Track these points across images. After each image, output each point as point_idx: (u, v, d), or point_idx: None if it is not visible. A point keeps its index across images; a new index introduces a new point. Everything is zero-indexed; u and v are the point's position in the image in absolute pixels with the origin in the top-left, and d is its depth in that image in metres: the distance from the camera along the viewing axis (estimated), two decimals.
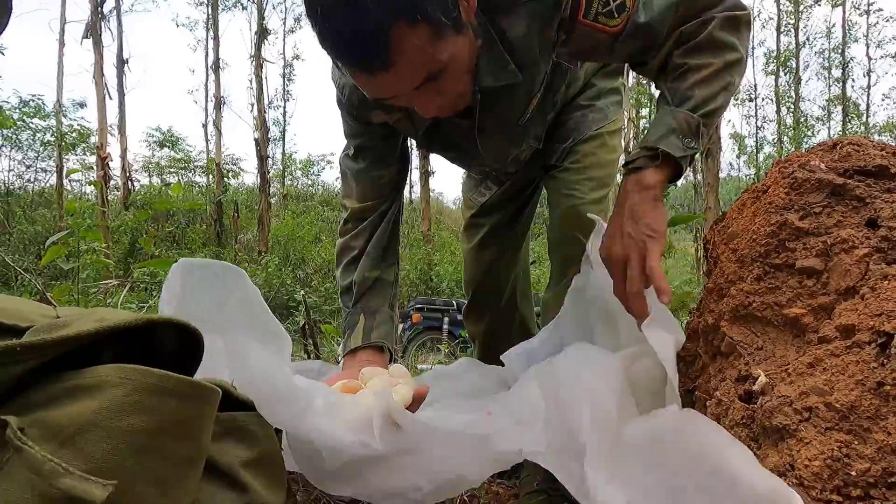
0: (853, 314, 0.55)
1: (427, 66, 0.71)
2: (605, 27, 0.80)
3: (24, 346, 0.29)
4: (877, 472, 0.45)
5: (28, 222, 9.72)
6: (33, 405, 0.30)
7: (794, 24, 15.87)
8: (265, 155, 10.33)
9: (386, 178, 1.02)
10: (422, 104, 0.77)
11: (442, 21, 0.68)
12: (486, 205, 1.27)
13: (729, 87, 0.81)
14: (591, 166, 1.11)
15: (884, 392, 0.47)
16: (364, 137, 1.01)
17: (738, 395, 0.63)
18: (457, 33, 0.71)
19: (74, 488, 0.25)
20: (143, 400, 0.30)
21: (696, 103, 0.79)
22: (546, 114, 1.02)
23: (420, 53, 0.68)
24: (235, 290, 0.74)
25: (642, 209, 0.76)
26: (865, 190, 0.64)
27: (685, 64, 0.81)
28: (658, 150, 0.77)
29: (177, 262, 0.70)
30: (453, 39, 0.71)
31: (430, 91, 0.75)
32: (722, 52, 0.80)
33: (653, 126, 0.80)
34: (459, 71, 0.75)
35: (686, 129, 0.78)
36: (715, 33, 0.80)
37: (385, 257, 1.03)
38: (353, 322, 0.96)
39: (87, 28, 9.68)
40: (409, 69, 0.70)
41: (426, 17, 0.66)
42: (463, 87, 0.80)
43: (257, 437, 0.51)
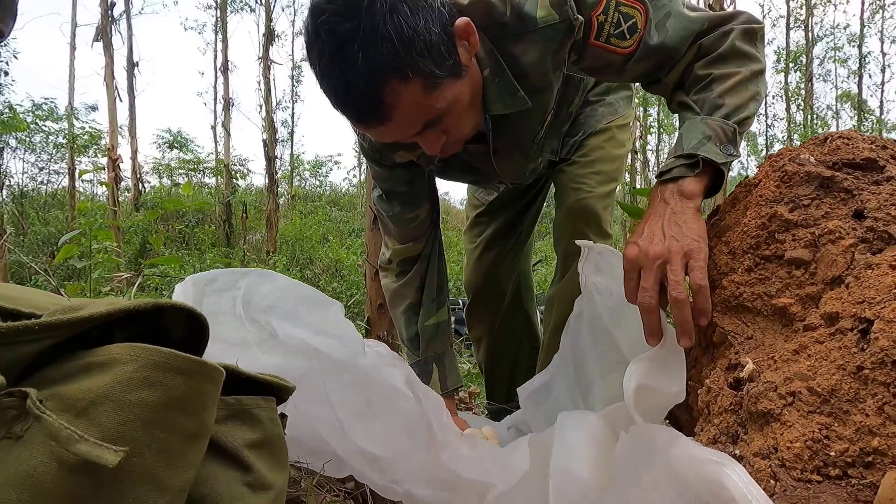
0: (837, 302, 0.56)
1: (424, 116, 0.72)
2: (617, 48, 0.80)
3: (41, 325, 0.32)
4: (854, 452, 0.47)
5: (41, 223, 9.88)
6: (50, 381, 0.33)
7: (804, 21, 15.70)
8: (273, 156, 10.41)
9: (420, 217, 1.04)
10: (426, 145, 0.78)
11: (435, 73, 0.68)
12: (494, 202, 1.26)
13: (757, 97, 0.79)
14: (600, 160, 1.10)
15: (863, 376, 0.48)
16: (391, 182, 1.03)
17: (728, 382, 0.65)
18: (455, 79, 0.72)
19: (89, 453, 0.27)
20: (151, 376, 0.32)
21: (728, 110, 0.76)
22: (561, 126, 1.02)
23: (415, 106, 0.69)
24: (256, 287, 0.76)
25: (684, 218, 0.70)
26: (853, 182, 0.65)
27: (710, 74, 0.78)
28: (698, 157, 0.72)
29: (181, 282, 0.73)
30: (451, 86, 0.71)
31: (433, 133, 0.76)
32: (746, 62, 0.78)
33: (684, 136, 0.75)
34: (460, 111, 0.75)
35: (722, 135, 0.74)
36: (737, 44, 0.79)
37: (438, 298, 1.08)
38: (427, 372, 1.03)
39: (98, 31, 9.81)
40: (406, 121, 0.71)
41: (418, 72, 0.67)
42: (468, 123, 0.80)
43: (262, 421, 0.53)
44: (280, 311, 0.75)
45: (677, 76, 0.83)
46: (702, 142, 0.73)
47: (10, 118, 9.87)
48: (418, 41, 0.66)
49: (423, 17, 0.67)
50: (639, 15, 0.78)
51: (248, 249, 10.06)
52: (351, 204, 16.40)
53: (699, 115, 0.77)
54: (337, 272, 8.10)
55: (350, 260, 8.12)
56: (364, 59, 0.64)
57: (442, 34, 0.68)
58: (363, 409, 0.68)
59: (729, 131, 0.75)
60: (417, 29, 0.65)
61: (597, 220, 1.09)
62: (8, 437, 0.29)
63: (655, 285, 0.67)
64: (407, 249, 1.06)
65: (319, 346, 0.69)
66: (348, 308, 4.99)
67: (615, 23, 0.78)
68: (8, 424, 0.29)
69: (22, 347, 0.32)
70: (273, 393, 0.54)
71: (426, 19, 0.67)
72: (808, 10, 15.60)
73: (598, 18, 0.77)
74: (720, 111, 0.76)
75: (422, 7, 0.67)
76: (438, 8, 0.69)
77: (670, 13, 0.80)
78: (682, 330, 0.66)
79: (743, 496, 0.43)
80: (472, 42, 0.73)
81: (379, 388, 0.69)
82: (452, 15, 0.72)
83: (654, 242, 0.68)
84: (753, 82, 0.78)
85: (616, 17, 0.77)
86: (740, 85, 0.77)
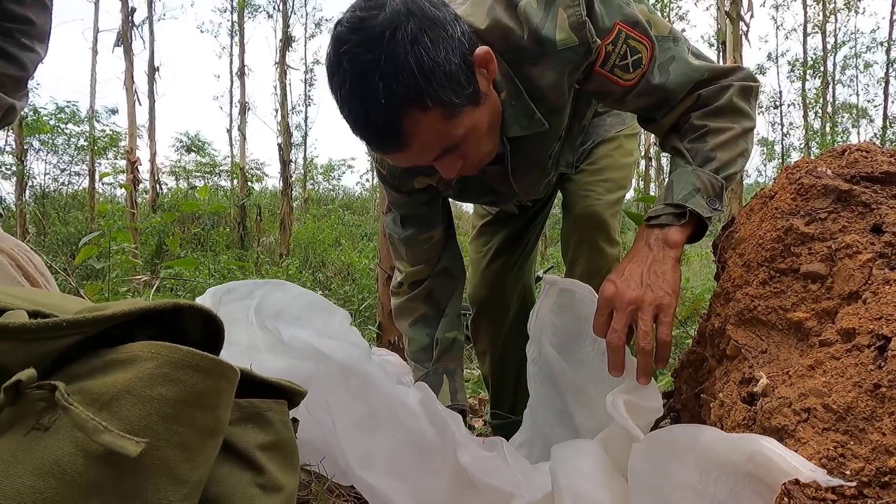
0: (854, 318, 0.55)
1: (442, 143, 0.73)
2: (619, 80, 0.81)
3: (69, 321, 0.33)
4: (871, 471, 0.46)
5: (62, 224, 10.10)
6: (76, 376, 0.34)
7: (821, 29, 15.53)
8: (288, 159, 10.54)
9: (434, 238, 1.05)
10: (444, 169, 0.79)
11: (454, 102, 0.69)
12: (500, 212, 1.26)
13: (745, 154, 0.83)
14: (608, 168, 1.11)
15: (880, 394, 0.48)
16: (408, 207, 1.03)
17: (741, 396, 0.64)
18: (474, 106, 0.73)
19: (112, 443, 0.28)
20: (170, 372, 0.33)
21: (719, 165, 0.79)
22: (575, 139, 1.03)
23: (434, 134, 0.71)
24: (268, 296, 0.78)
25: (664, 268, 0.74)
26: (871, 196, 0.64)
27: (706, 126, 0.82)
28: (686, 209, 0.76)
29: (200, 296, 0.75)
30: (470, 113, 0.72)
31: (450, 158, 0.77)
32: (740, 118, 0.82)
33: (675, 183, 0.80)
34: (479, 137, 0.76)
35: (710, 189, 0.78)
36: (734, 99, 0.82)
37: (459, 314, 1.08)
38: (438, 382, 1.02)
39: (119, 37, 10.05)
40: (424, 148, 0.72)
41: (438, 102, 0.68)
42: (485, 147, 0.81)
43: (274, 424, 0.54)
44: (288, 316, 0.77)
45: (673, 120, 0.86)
46: (691, 193, 0.77)
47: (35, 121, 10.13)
48: (438, 72, 0.66)
49: (444, 47, 0.67)
50: (645, 51, 0.80)
51: (261, 252, 10.17)
52: (363, 208, 16.50)
53: (691, 164, 0.80)
54: (349, 275, 8.14)
55: (362, 264, 8.17)
56: (385, 89, 0.65)
57: (462, 63, 0.69)
58: (364, 419, 0.68)
59: (717, 186, 0.79)
60: (438, 60, 0.66)
61: (605, 227, 1.09)
62: (36, 428, 0.30)
63: (625, 328, 0.72)
64: (419, 272, 1.06)
65: (324, 349, 0.70)
66: (360, 312, 5.00)
67: (622, 54, 0.80)
68: (37, 416, 0.31)
69: (51, 343, 0.33)
70: (285, 396, 0.55)
71: (446, 50, 0.67)
72: (825, 16, 15.43)
73: (607, 47, 0.79)
74: (711, 164, 0.80)
75: (442, 38, 0.67)
76: (459, 38, 0.70)
77: (675, 57, 0.82)
78: (642, 372, 0.71)
79: (781, 458, 0.47)
80: (490, 69, 0.74)
81: (382, 397, 0.69)
82: (472, 43, 0.72)
83: (631, 287, 0.73)
84: (744, 139, 0.82)
85: (624, 49, 0.79)
86: (732, 141, 0.81)
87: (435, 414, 0.67)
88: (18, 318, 0.35)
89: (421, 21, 0.66)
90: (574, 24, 0.75)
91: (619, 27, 0.78)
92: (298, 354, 0.70)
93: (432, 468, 0.66)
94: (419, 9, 0.67)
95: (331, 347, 0.71)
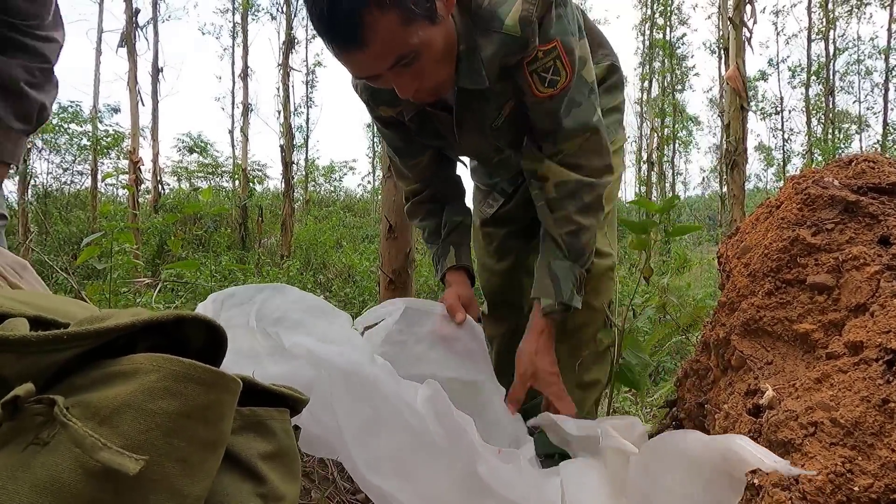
0: (862, 331, 0.55)
1: (398, 49, 0.77)
2: (534, 86, 0.90)
3: (70, 334, 0.33)
4: (879, 488, 0.45)
5: (63, 223, 10.11)
6: (76, 388, 0.33)
7: (824, 34, 15.54)
8: (290, 161, 10.55)
9: (423, 162, 1.13)
10: (400, 85, 0.84)
11: (412, 10, 0.75)
12: (497, 215, 1.29)
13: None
14: None
15: (889, 409, 0.47)
16: (388, 136, 1.11)
17: (747, 408, 0.63)
18: (430, 23, 0.78)
19: (111, 461, 0.28)
20: (172, 385, 0.33)
21: (585, 261, 0.99)
22: (519, 127, 1.07)
23: (390, 35, 0.75)
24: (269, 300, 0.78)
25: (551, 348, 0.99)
26: (879, 207, 0.64)
27: (579, 223, 0.97)
28: (571, 307, 0.98)
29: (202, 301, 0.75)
30: (425, 27, 0.78)
31: (406, 74, 0.81)
32: (598, 214, 0.99)
33: (561, 280, 0.98)
34: (434, 57, 0.81)
35: (580, 283, 0.99)
36: (600, 197, 0.98)
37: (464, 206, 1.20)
38: (446, 251, 1.15)
39: (122, 37, 10.08)
40: (381, 49, 0.77)
41: (396, 4, 0.73)
42: (440, 76, 0.86)
43: (275, 432, 0.54)
44: (288, 321, 0.77)
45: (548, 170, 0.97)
46: (573, 292, 0.98)
47: None
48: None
49: None
50: (564, 78, 0.89)
51: (262, 253, 10.17)
52: (365, 209, 16.51)
53: (568, 259, 0.98)
54: (350, 277, 8.14)
55: (363, 266, 8.16)
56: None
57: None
58: (370, 423, 0.68)
59: (582, 279, 1.00)
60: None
61: None
62: (35, 443, 0.30)
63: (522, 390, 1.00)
64: (416, 189, 1.16)
65: (325, 355, 0.69)
66: (361, 315, 4.99)
67: (546, 67, 0.87)
68: (36, 430, 0.30)
69: (51, 356, 0.33)
70: (287, 404, 0.54)
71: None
72: (828, 22, 15.44)
73: (538, 53, 0.87)
74: (582, 260, 0.99)
75: None
76: None
77: (582, 104, 0.93)
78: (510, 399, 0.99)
79: (748, 452, 0.51)
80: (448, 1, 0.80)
81: (387, 399, 0.69)
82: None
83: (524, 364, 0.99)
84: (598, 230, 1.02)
85: (549, 64, 0.87)
86: (593, 237, 1.00)
87: (446, 415, 0.67)
88: (19, 329, 0.34)
89: None
90: (524, 18, 0.82)
91: (556, 44, 0.86)
92: (300, 360, 0.70)
93: (441, 469, 0.65)
94: None
95: (332, 352, 0.70)
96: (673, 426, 0.93)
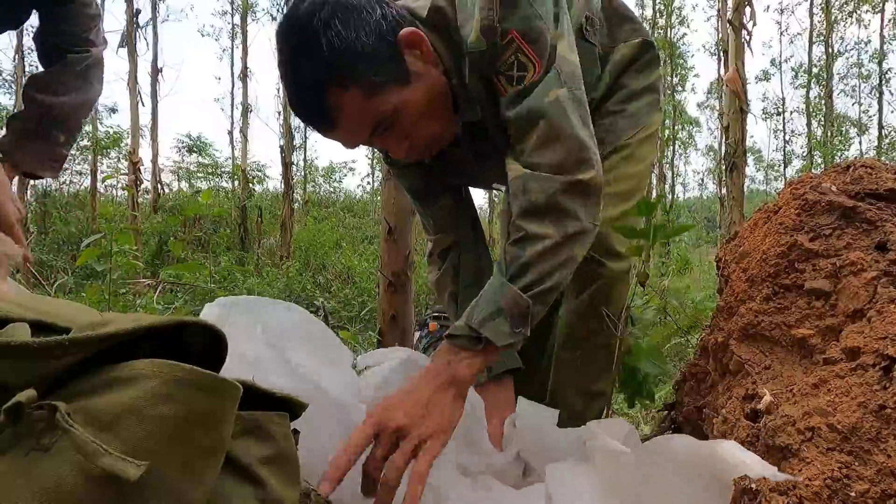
0: (859, 336, 0.55)
1: (370, 121, 0.75)
2: (501, 87, 0.79)
3: (71, 341, 0.33)
4: (876, 493, 0.46)
5: (62, 223, 10.10)
6: (77, 394, 0.34)
7: (825, 37, 15.58)
8: (290, 161, 10.55)
9: (444, 208, 1.07)
10: (388, 147, 0.82)
11: (372, 80, 0.72)
12: None
13: (568, 263, 0.75)
14: (613, 182, 1.04)
15: (885, 415, 0.48)
16: (404, 179, 1.08)
17: (744, 413, 0.64)
18: (403, 84, 0.75)
19: (113, 466, 0.28)
20: (173, 391, 0.33)
21: (529, 281, 0.73)
22: None
23: (358, 110, 0.74)
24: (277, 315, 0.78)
25: (443, 402, 0.68)
26: (876, 213, 0.64)
27: (524, 230, 0.75)
28: (483, 339, 0.71)
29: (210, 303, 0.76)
30: (397, 90, 0.74)
31: (390, 137, 0.79)
32: (564, 221, 0.74)
33: (482, 298, 0.74)
34: (414, 116, 0.77)
35: (515, 311, 0.72)
36: (558, 198, 0.74)
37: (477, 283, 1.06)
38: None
39: (123, 38, 10.09)
40: (353, 125, 0.76)
41: (354, 80, 0.72)
42: (431, 129, 0.81)
43: (275, 437, 0.54)
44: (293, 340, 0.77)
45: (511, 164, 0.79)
46: (492, 315, 0.71)
47: None
48: (350, 52, 0.71)
49: (357, 29, 0.72)
50: (531, 72, 0.75)
51: (262, 254, 10.17)
52: (364, 210, 16.51)
53: (504, 274, 0.74)
54: (349, 279, 8.13)
55: (362, 267, 8.16)
56: (306, 71, 0.72)
57: (380, 44, 0.73)
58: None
59: (523, 307, 0.72)
60: (350, 41, 0.71)
61: (605, 242, 1.07)
62: (37, 449, 0.30)
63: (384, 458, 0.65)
64: (441, 241, 1.10)
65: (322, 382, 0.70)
66: (360, 317, 4.98)
67: (509, 64, 0.76)
68: (37, 436, 0.30)
69: (52, 362, 0.33)
70: (286, 409, 0.54)
71: (359, 31, 0.72)
72: (828, 25, 15.47)
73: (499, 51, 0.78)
74: (523, 279, 0.73)
75: (354, 20, 0.72)
76: (378, 20, 0.74)
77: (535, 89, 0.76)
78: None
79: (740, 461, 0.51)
80: (423, 50, 0.76)
81: None
82: (397, 25, 0.75)
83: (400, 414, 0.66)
84: (568, 246, 0.74)
85: (512, 60, 0.76)
86: (551, 251, 0.74)
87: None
88: (20, 335, 0.35)
89: (334, 7, 0.71)
90: (486, 28, 0.74)
91: (512, 36, 0.74)
92: (301, 380, 0.70)
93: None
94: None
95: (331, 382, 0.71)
96: (671, 429, 0.93)
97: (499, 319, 0.71)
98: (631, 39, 1.01)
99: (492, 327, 0.71)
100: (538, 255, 0.73)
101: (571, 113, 0.75)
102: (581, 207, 0.75)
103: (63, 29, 1.15)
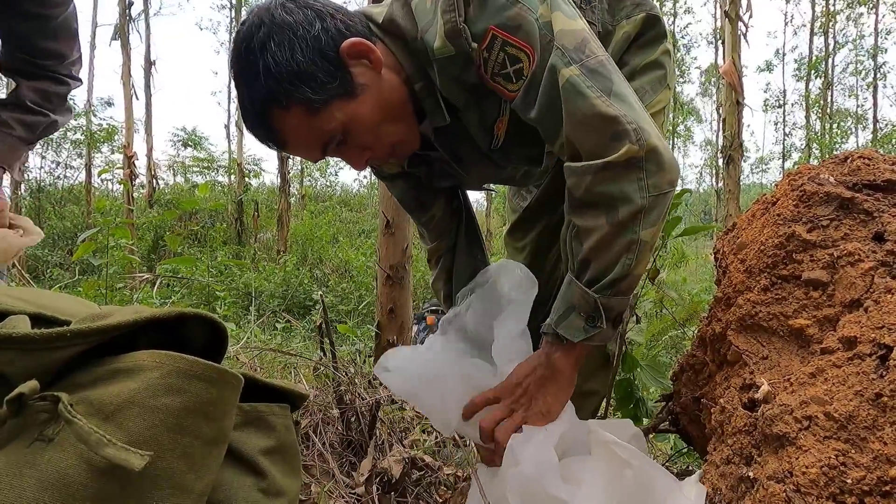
0: (856, 326, 0.56)
1: (317, 138, 0.75)
2: (505, 90, 0.74)
3: (73, 332, 0.33)
4: (872, 480, 0.46)
5: (57, 218, 10.04)
6: (79, 385, 0.34)
7: (824, 29, 15.56)
8: (286, 156, 10.50)
9: (436, 216, 1.05)
10: (349, 160, 0.81)
11: (312, 98, 0.70)
12: (531, 206, 1.20)
13: (632, 247, 0.70)
14: None
15: (881, 403, 0.48)
16: (394, 191, 1.07)
17: (742, 402, 0.64)
18: (347, 99, 0.73)
19: (116, 457, 0.28)
20: (175, 382, 0.33)
21: (590, 277, 0.72)
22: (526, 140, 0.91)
23: (303, 129, 0.73)
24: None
25: (553, 388, 0.77)
26: (874, 204, 0.64)
27: (576, 226, 0.73)
28: (564, 339, 0.74)
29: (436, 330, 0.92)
30: (343, 104, 0.72)
31: (348, 150, 0.78)
32: (610, 209, 0.69)
33: (559, 298, 0.76)
34: (368, 127, 0.75)
35: (586, 307, 0.72)
36: (595, 188, 0.69)
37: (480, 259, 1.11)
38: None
39: (116, 30, 9.99)
40: (302, 142, 0.76)
41: (294, 100, 0.70)
42: (392, 137, 0.79)
43: (276, 428, 0.54)
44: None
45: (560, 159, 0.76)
46: (565, 315, 0.74)
47: None
48: (287, 72, 0.70)
49: (290, 48, 0.70)
50: (527, 61, 0.71)
51: (258, 248, 10.15)
52: (361, 204, 16.47)
53: (572, 271, 0.75)
54: (347, 273, 8.13)
55: (360, 261, 8.15)
56: (248, 95, 0.72)
57: (318, 60, 0.71)
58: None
59: (591, 302, 0.72)
60: (285, 61, 0.70)
61: None
62: (40, 440, 0.30)
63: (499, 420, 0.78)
64: (437, 248, 1.10)
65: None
66: (358, 311, 4.99)
67: (500, 62, 0.72)
68: (40, 427, 0.30)
69: (54, 353, 0.33)
70: (288, 400, 0.55)
71: (293, 50, 0.70)
72: (828, 17, 15.44)
73: (482, 54, 0.72)
74: (584, 276, 0.73)
75: (290, 40, 0.70)
76: (316, 36, 0.71)
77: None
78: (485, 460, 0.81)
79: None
80: (373, 59, 0.74)
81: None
82: (339, 38, 0.73)
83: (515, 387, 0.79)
84: (623, 233, 0.70)
85: (501, 57, 0.71)
86: (604, 243, 0.70)
87: None
88: (22, 327, 0.35)
89: (269, 28, 0.70)
90: (450, 31, 0.70)
91: (492, 32, 0.70)
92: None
93: None
94: (270, 17, 0.71)
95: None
96: (669, 420, 0.94)
97: (572, 317, 0.74)
98: (634, 15, 0.95)
99: (565, 325, 0.74)
100: (593, 249, 0.72)
101: (587, 89, 0.69)
102: (628, 185, 0.68)
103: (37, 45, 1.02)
